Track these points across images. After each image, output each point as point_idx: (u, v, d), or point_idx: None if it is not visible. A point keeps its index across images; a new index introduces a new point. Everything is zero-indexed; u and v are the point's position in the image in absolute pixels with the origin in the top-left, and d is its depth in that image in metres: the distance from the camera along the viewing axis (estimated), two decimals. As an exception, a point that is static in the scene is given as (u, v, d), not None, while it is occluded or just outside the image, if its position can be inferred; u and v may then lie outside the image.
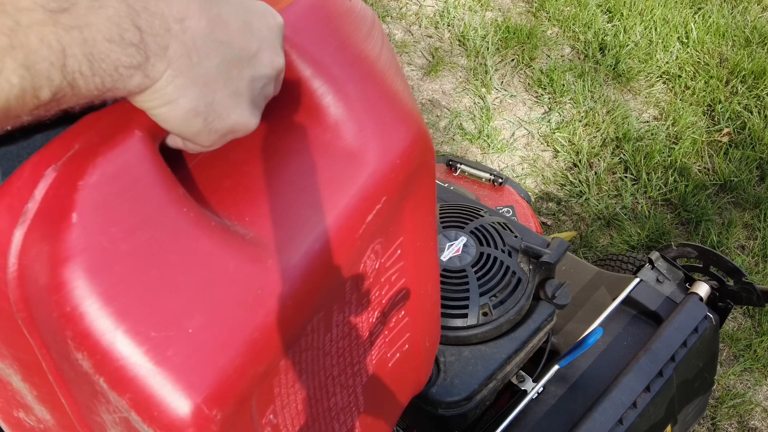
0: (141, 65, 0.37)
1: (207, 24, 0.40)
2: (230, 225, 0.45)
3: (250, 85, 0.44)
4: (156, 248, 0.39)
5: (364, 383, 0.63)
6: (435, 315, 0.73)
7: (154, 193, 0.40)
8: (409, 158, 0.54)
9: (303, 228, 0.47)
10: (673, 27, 2.50)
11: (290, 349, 0.48)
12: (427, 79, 2.38)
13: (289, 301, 0.45)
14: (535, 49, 2.43)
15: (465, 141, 2.22)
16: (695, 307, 1.04)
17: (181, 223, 0.41)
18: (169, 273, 0.39)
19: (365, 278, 0.56)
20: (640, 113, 2.31)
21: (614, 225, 2.04)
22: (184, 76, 0.39)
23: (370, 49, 0.54)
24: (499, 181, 1.54)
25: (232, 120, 0.43)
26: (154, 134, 0.41)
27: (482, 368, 0.89)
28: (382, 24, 2.47)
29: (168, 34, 0.38)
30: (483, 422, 0.99)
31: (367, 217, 0.51)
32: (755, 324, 1.86)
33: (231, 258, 0.42)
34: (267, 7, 0.46)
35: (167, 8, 0.38)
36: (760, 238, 2.01)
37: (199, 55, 0.39)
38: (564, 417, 0.96)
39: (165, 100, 0.39)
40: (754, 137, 2.22)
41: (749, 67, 2.36)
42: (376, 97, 0.53)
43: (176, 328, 0.39)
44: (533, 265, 0.97)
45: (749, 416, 1.73)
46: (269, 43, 0.45)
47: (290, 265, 0.45)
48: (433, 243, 0.66)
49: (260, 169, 0.49)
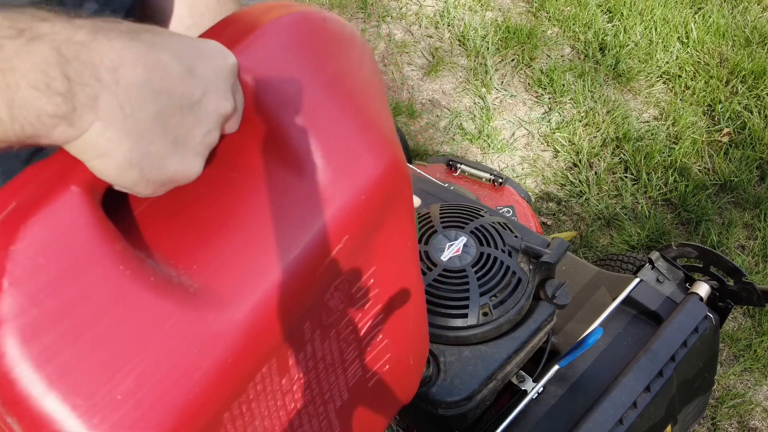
0: (67, 115, 0.36)
1: (143, 73, 0.38)
2: (174, 276, 0.44)
3: (191, 133, 0.42)
4: (89, 312, 0.39)
5: (338, 407, 0.61)
6: (419, 333, 0.71)
7: (87, 254, 0.39)
8: (378, 191, 0.52)
9: (253, 275, 0.46)
10: (673, 27, 2.50)
11: (234, 402, 0.46)
12: (427, 79, 2.38)
13: (230, 358, 0.43)
14: (535, 49, 2.42)
15: (465, 141, 2.22)
16: (695, 307, 1.04)
17: (116, 283, 0.40)
18: (100, 336, 0.39)
19: (330, 313, 0.54)
20: (640, 113, 2.31)
21: (614, 225, 2.04)
22: (116, 128, 0.38)
23: (347, 71, 0.52)
24: (500, 181, 1.54)
25: (170, 170, 0.41)
26: (94, 186, 0.40)
27: (482, 368, 0.89)
28: (384, 25, 2.47)
29: (99, 84, 0.37)
30: (483, 422, 0.98)
31: (326, 258, 0.49)
32: (755, 324, 1.86)
33: (168, 317, 0.41)
34: (218, 49, 0.45)
35: (99, 57, 0.37)
36: (760, 238, 2.01)
37: (132, 105, 0.38)
38: (564, 417, 0.96)
39: (98, 152, 0.38)
40: (755, 137, 2.22)
41: (749, 67, 2.36)
42: (347, 127, 0.51)
43: (104, 395, 0.38)
44: (533, 265, 0.97)
45: (749, 416, 1.73)
46: (216, 87, 0.43)
47: (235, 318, 0.44)
48: (413, 266, 0.64)
49: (215, 210, 0.48)
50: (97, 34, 0.37)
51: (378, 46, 2.46)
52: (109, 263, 0.40)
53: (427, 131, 2.25)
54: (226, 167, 0.49)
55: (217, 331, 0.43)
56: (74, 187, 0.39)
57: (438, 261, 0.94)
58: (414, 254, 0.63)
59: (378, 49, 2.45)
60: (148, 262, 0.43)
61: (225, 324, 0.43)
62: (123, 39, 0.38)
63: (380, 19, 2.53)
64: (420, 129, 2.25)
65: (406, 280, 0.63)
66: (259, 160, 0.49)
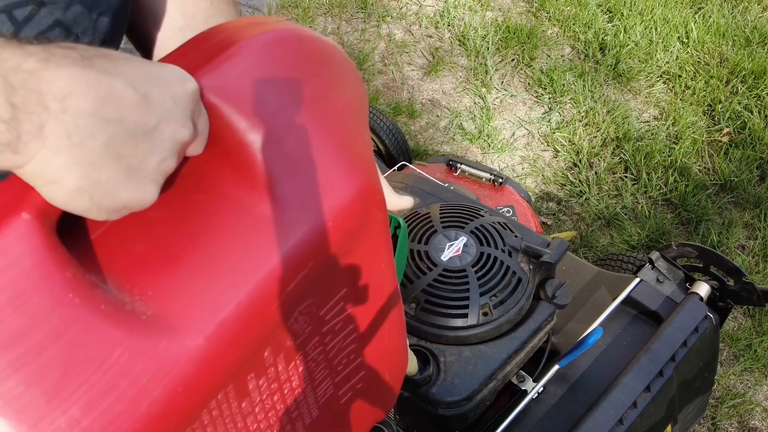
0: (11, 143, 0.36)
1: (94, 101, 0.38)
2: (128, 302, 0.43)
3: (145, 161, 0.41)
4: (35, 340, 0.39)
5: (307, 424, 0.60)
6: (396, 349, 0.69)
7: (36, 282, 0.39)
8: (347, 217, 0.50)
9: (210, 303, 0.45)
10: (674, 27, 2.50)
11: (186, 429, 0.46)
12: (427, 79, 2.38)
13: (180, 387, 0.43)
14: (536, 49, 2.42)
15: (465, 141, 2.22)
16: (695, 306, 1.04)
17: (64, 310, 0.40)
18: (47, 365, 0.39)
19: (295, 337, 0.53)
20: (641, 113, 2.31)
21: (614, 225, 2.04)
22: (64, 156, 0.37)
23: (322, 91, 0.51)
24: (500, 180, 1.54)
25: (122, 198, 0.41)
26: (46, 211, 0.40)
27: (482, 368, 0.89)
28: (384, 25, 2.47)
29: (45, 112, 0.36)
30: (483, 422, 0.98)
31: (288, 286, 0.48)
32: (755, 324, 1.86)
33: (118, 344, 0.41)
34: (177, 74, 0.44)
35: (47, 86, 0.36)
36: (760, 237, 2.01)
37: (81, 134, 0.38)
38: (564, 417, 0.96)
39: (46, 180, 0.38)
40: (755, 137, 2.22)
41: (749, 67, 2.36)
42: (318, 150, 0.49)
43: (48, 424, 0.38)
44: (533, 265, 0.97)
45: (749, 416, 1.73)
46: (172, 114, 0.42)
47: (187, 347, 0.43)
48: (388, 285, 0.62)
49: (176, 233, 0.47)
50: (47, 61, 0.37)
51: (378, 46, 2.46)
52: (58, 290, 0.40)
53: (427, 131, 2.25)
54: (190, 189, 0.48)
55: (168, 360, 0.42)
56: (25, 214, 0.39)
57: (438, 261, 0.94)
58: (389, 274, 0.62)
59: (378, 49, 2.45)
60: (101, 288, 0.43)
61: (177, 352, 0.43)
62: (75, 66, 0.38)
63: (380, 19, 2.52)
64: (420, 129, 2.25)
65: (380, 298, 0.62)
66: (224, 183, 0.48)
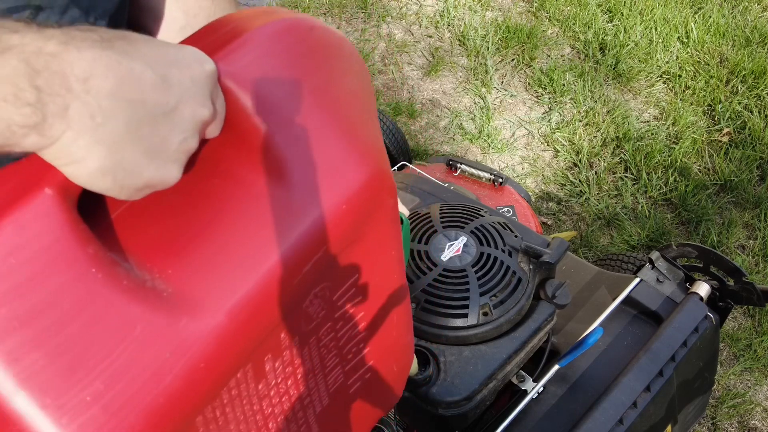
0: (37, 125, 0.36)
1: (115, 82, 0.38)
2: (148, 280, 0.44)
3: (166, 140, 0.42)
4: (60, 313, 0.39)
5: (318, 413, 0.61)
6: (403, 341, 0.70)
7: (59, 256, 0.39)
8: (360, 202, 0.51)
9: (229, 282, 0.46)
10: (674, 27, 2.50)
11: (208, 406, 0.46)
12: (427, 79, 2.38)
13: (201, 363, 0.43)
14: (536, 49, 2.43)
15: (465, 141, 2.22)
16: (695, 306, 1.04)
17: (86, 285, 0.40)
18: (70, 339, 0.39)
19: (310, 320, 0.54)
20: (641, 113, 2.31)
21: (614, 225, 2.04)
22: (88, 136, 0.38)
23: (332, 80, 0.52)
24: (500, 180, 1.54)
25: (145, 177, 0.42)
26: (67, 188, 0.40)
27: (482, 368, 0.89)
28: (384, 25, 2.47)
29: (69, 94, 0.37)
30: (483, 422, 0.99)
31: (304, 267, 0.49)
32: (755, 324, 1.86)
33: (139, 320, 0.41)
34: (196, 55, 0.45)
35: (70, 67, 0.37)
36: (760, 237, 2.01)
37: (103, 114, 0.38)
38: (564, 417, 0.96)
39: (70, 160, 0.38)
40: (755, 137, 2.22)
41: (749, 67, 2.36)
42: (330, 136, 0.50)
43: (72, 396, 0.39)
44: (533, 265, 0.97)
45: (749, 416, 1.73)
46: (192, 94, 0.43)
47: (208, 324, 0.44)
48: (397, 275, 0.63)
49: (194, 215, 0.48)
50: (67, 44, 0.37)
51: (378, 45, 2.46)
52: (81, 265, 0.40)
53: (427, 131, 2.25)
54: (206, 173, 0.49)
55: (189, 336, 0.43)
56: (48, 189, 0.40)
57: (438, 261, 0.94)
58: (399, 264, 0.63)
59: (378, 49, 2.45)
60: (122, 265, 0.43)
61: (197, 329, 0.43)
62: (95, 48, 0.38)
63: (380, 19, 2.53)
64: (420, 129, 2.25)
65: (389, 288, 0.63)
66: (240, 167, 0.49)
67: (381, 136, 0.58)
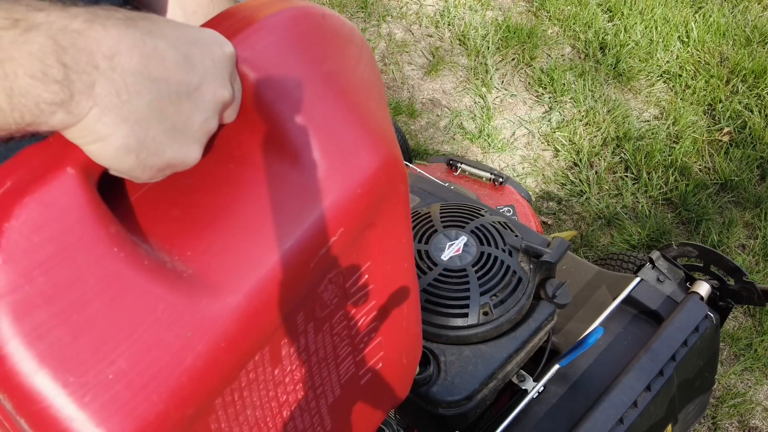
0: (64, 102, 0.36)
1: (140, 60, 0.39)
2: (168, 261, 0.44)
3: (189, 120, 0.42)
4: (83, 291, 0.39)
5: (330, 404, 0.61)
6: (412, 333, 0.71)
7: (82, 235, 0.40)
8: (374, 186, 0.52)
9: (248, 263, 0.46)
10: (674, 26, 2.49)
11: (227, 388, 0.46)
12: (427, 79, 2.38)
13: (222, 343, 0.43)
14: (536, 49, 2.42)
15: (465, 140, 2.22)
16: (696, 306, 1.04)
17: (109, 264, 0.40)
18: (93, 317, 0.39)
19: (324, 306, 0.54)
20: (641, 112, 2.31)
21: (615, 224, 2.04)
22: (113, 114, 0.38)
23: (345, 68, 0.52)
24: (500, 180, 1.54)
25: (167, 156, 0.42)
26: (89, 169, 0.41)
27: (483, 368, 0.89)
28: (385, 24, 2.47)
29: (95, 71, 0.37)
30: (484, 421, 0.98)
31: (320, 250, 0.50)
32: (756, 323, 1.86)
33: (161, 300, 0.42)
34: (215, 37, 0.45)
35: (96, 45, 0.37)
36: (760, 237, 2.01)
37: (129, 92, 0.38)
38: (565, 416, 0.96)
39: (95, 137, 0.39)
40: (755, 136, 2.22)
41: (750, 67, 2.36)
42: (343, 122, 0.51)
43: (96, 374, 0.39)
44: (534, 265, 0.96)
45: (750, 415, 1.73)
46: (213, 75, 0.43)
47: (228, 304, 0.44)
48: (408, 264, 0.64)
49: (211, 199, 0.48)
50: (93, 22, 0.37)
51: (378, 45, 2.46)
52: (103, 245, 0.40)
53: (427, 131, 2.25)
54: (223, 158, 0.49)
55: (209, 316, 0.43)
56: (70, 169, 0.40)
57: (438, 260, 0.94)
58: (409, 253, 0.63)
59: (378, 49, 2.45)
60: (143, 246, 0.44)
61: (218, 309, 0.44)
62: (119, 27, 0.38)
63: (380, 19, 2.53)
64: (420, 128, 2.25)
65: (400, 278, 0.63)
66: (256, 152, 0.50)
67: (392, 123, 0.58)
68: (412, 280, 0.65)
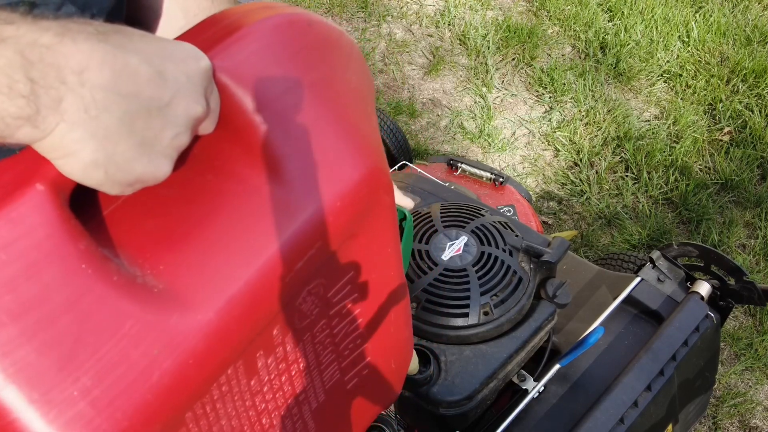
0: (30, 117, 0.36)
1: (110, 76, 0.38)
2: (139, 276, 0.44)
3: (159, 135, 0.42)
4: (49, 309, 0.39)
5: (314, 409, 0.61)
6: (402, 338, 0.70)
7: (49, 252, 0.39)
8: (355, 199, 0.51)
9: (220, 278, 0.46)
10: (674, 26, 2.49)
11: (197, 402, 0.46)
12: (427, 79, 2.38)
13: (190, 359, 0.43)
14: (536, 48, 2.42)
15: (466, 140, 2.22)
16: (696, 306, 1.04)
17: (77, 281, 0.40)
18: (59, 334, 0.39)
19: (304, 317, 0.54)
20: (641, 112, 2.31)
21: (615, 224, 2.03)
22: (81, 129, 0.38)
23: (331, 76, 0.52)
24: (500, 180, 1.54)
25: (136, 171, 0.42)
26: (60, 185, 0.40)
27: (483, 367, 0.89)
28: (385, 24, 2.47)
29: (63, 86, 0.37)
30: (484, 421, 0.98)
31: (297, 264, 0.49)
32: (756, 323, 1.86)
33: (129, 316, 0.41)
34: (190, 51, 0.45)
35: (65, 60, 0.37)
36: (761, 237, 2.01)
37: (97, 108, 0.38)
38: (565, 416, 0.96)
39: (63, 152, 0.38)
40: (755, 136, 2.22)
41: (750, 66, 2.36)
42: (326, 133, 0.50)
43: (60, 391, 0.39)
44: (534, 265, 0.96)
45: (750, 415, 1.73)
46: (186, 90, 0.43)
47: (198, 321, 0.44)
48: (395, 271, 0.63)
49: (187, 210, 0.48)
50: (63, 36, 0.37)
51: (379, 45, 2.46)
52: (71, 261, 0.40)
53: (427, 130, 2.25)
54: (201, 168, 0.49)
55: (178, 333, 0.43)
56: (39, 185, 0.40)
57: (439, 260, 0.94)
58: (396, 261, 0.62)
59: (379, 49, 2.45)
60: (113, 261, 0.43)
61: (187, 326, 0.43)
62: (90, 41, 0.38)
63: (381, 19, 2.52)
64: (421, 128, 2.25)
65: (386, 285, 0.62)
66: (234, 163, 0.49)
67: (379, 132, 0.58)
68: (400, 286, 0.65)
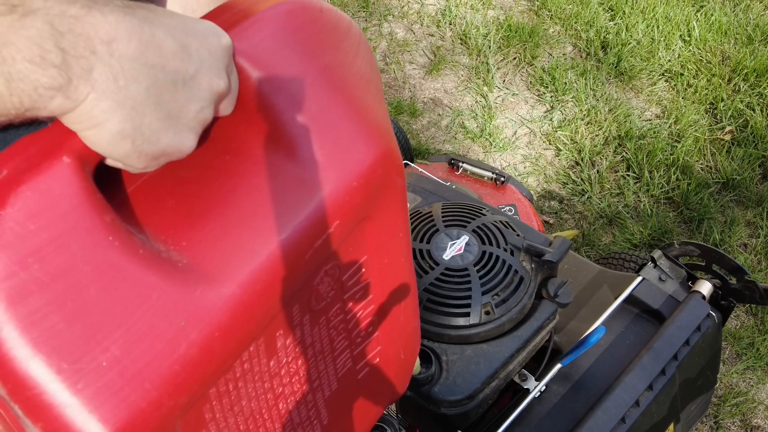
0: (62, 87, 0.36)
1: (137, 46, 0.39)
2: (164, 251, 0.44)
3: (184, 108, 0.43)
4: (77, 279, 0.39)
5: (327, 397, 0.61)
6: (410, 328, 0.71)
7: (76, 223, 0.40)
8: (369, 180, 0.52)
9: (243, 254, 0.46)
10: (675, 25, 2.49)
11: (221, 378, 0.47)
12: (429, 78, 2.38)
13: (216, 332, 0.44)
14: (537, 48, 2.42)
15: (467, 139, 2.22)
16: (698, 305, 1.04)
17: (104, 252, 0.40)
18: (87, 304, 0.39)
19: (320, 299, 0.54)
20: (643, 111, 2.31)
21: (616, 223, 2.03)
22: (110, 99, 0.38)
23: (342, 61, 0.53)
24: (501, 179, 1.54)
25: (162, 143, 0.42)
26: (85, 158, 0.41)
27: (485, 367, 0.89)
28: (386, 23, 2.47)
29: (93, 56, 0.37)
30: (485, 421, 0.98)
31: (316, 242, 0.50)
32: (758, 322, 1.86)
33: (155, 288, 0.42)
34: (212, 28, 0.45)
35: (94, 30, 0.37)
36: (762, 236, 2.01)
37: (126, 78, 0.39)
38: (567, 415, 0.96)
39: (91, 123, 0.39)
40: (757, 135, 2.21)
41: (751, 65, 2.35)
42: (340, 115, 0.51)
43: (89, 361, 0.39)
44: (535, 264, 0.96)
45: (752, 414, 1.72)
46: (209, 65, 0.44)
47: (222, 294, 0.44)
48: (405, 258, 0.64)
49: (208, 190, 0.48)
50: (91, 8, 0.37)
51: (380, 44, 2.46)
52: (98, 233, 0.40)
53: (428, 130, 2.24)
54: (220, 150, 0.50)
55: (204, 306, 0.43)
56: (66, 158, 0.40)
57: (440, 260, 0.94)
58: (406, 248, 0.63)
59: (380, 48, 2.45)
60: (138, 235, 0.44)
61: (213, 299, 0.44)
62: (117, 13, 0.39)
63: (382, 18, 2.52)
64: (422, 128, 2.25)
65: (398, 272, 0.63)
66: (252, 144, 0.50)
67: (389, 117, 0.59)
68: (409, 274, 0.65)
